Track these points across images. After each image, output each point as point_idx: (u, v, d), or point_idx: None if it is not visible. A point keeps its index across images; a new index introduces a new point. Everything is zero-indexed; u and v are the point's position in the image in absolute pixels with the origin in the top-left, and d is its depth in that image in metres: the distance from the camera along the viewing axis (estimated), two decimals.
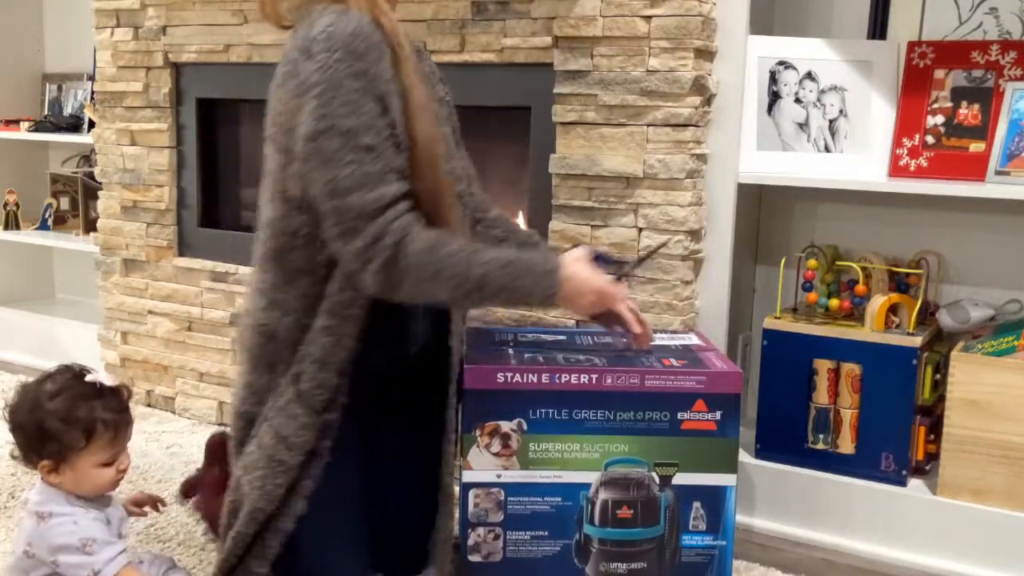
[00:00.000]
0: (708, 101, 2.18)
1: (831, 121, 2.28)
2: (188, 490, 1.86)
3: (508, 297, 1.52)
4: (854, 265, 2.21)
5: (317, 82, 1.38)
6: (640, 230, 2.21)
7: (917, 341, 2.06)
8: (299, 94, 1.41)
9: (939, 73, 2.22)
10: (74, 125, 3.52)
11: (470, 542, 1.75)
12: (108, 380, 1.63)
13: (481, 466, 1.72)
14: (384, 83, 1.42)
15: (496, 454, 1.72)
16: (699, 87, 2.14)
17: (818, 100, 2.28)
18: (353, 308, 1.48)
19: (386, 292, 1.44)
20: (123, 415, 1.63)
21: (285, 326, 1.50)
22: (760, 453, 2.23)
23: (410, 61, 1.47)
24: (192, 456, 2.60)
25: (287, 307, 1.51)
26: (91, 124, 3.25)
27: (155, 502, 1.83)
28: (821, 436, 2.18)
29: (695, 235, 2.20)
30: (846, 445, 2.15)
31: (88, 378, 1.62)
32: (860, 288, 2.19)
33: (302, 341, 1.50)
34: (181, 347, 2.95)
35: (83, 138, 3.34)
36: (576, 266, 1.58)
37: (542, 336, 1.95)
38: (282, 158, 1.46)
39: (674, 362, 1.77)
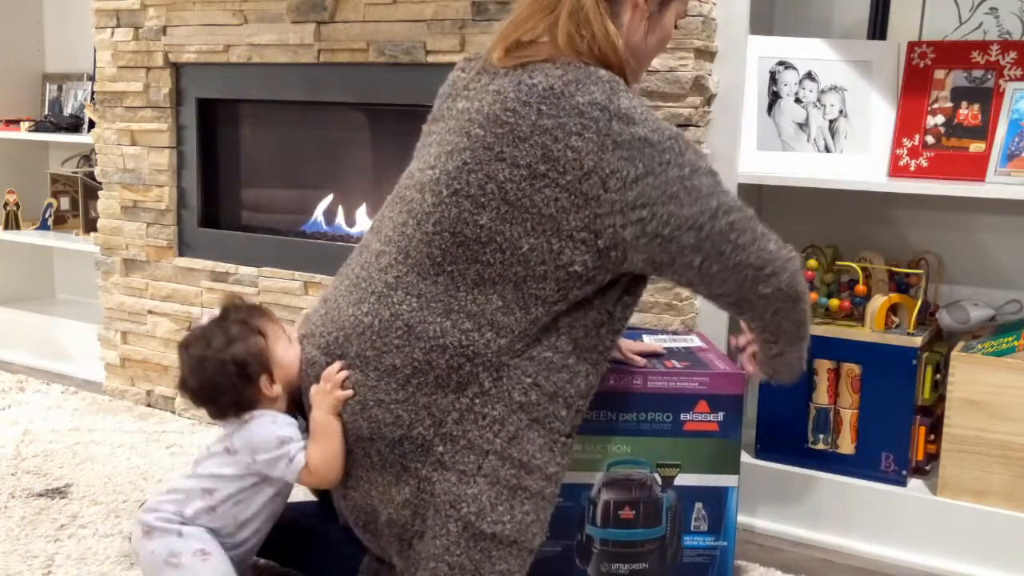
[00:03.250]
0: (708, 101, 2.18)
1: (831, 121, 2.28)
2: None
3: (798, 356, 1.70)
4: (854, 265, 2.21)
5: (660, 140, 1.45)
6: None
7: (917, 341, 2.07)
8: (623, 148, 1.43)
9: (939, 73, 2.22)
10: (74, 125, 3.52)
11: None
12: (212, 311, 1.76)
13: None
14: None
15: None
16: (699, 87, 2.14)
17: (818, 100, 2.28)
18: (597, 352, 1.55)
19: (796, 296, 1.57)
20: (255, 309, 1.75)
21: (495, 349, 1.48)
22: (760, 453, 2.23)
23: None
24: (191, 456, 2.60)
25: (505, 330, 1.49)
26: (91, 124, 3.25)
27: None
28: (821, 436, 2.18)
29: None
30: (846, 445, 2.15)
31: (205, 320, 1.74)
32: (860, 288, 2.19)
33: (513, 367, 1.49)
34: None
35: (83, 138, 3.34)
36: None
37: None
38: (571, 199, 1.45)
39: (676, 363, 1.78)
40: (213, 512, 1.67)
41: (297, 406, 1.70)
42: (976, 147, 2.16)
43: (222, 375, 1.64)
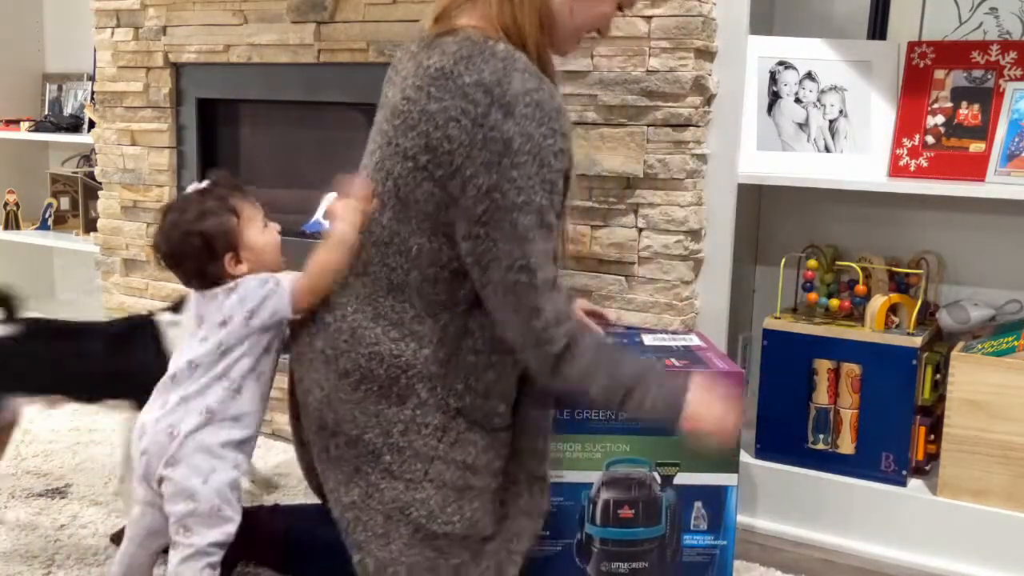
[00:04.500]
0: (708, 101, 2.18)
1: (831, 121, 2.28)
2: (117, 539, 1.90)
3: (637, 408, 1.49)
4: (854, 265, 2.21)
5: (520, 150, 1.38)
6: (640, 230, 2.21)
7: (917, 341, 2.07)
8: (488, 149, 1.39)
9: (939, 73, 2.23)
10: (74, 125, 3.52)
11: None
12: (202, 183, 1.73)
13: None
14: (571, 160, 1.47)
15: None
16: (699, 87, 2.14)
17: (818, 100, 2.28)
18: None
19: (546, 374, 1.46)
20: (237, 188, 1.73)
21: (422, 359, 1.51)
22: (760, 453, 2.23)
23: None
24: None
25: (425, 340, 1.51)
26: (91, 124, 3.25)
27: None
28: (821, 436, 2.18)
29: (695, 235, 2.20)
30: (846, 445, 2.15)
31: (190, 189, 1.72)
32: (860, 288, 2.19)
33: (442, 375, 1.51)
34: None
35: (83, 138, 3.34)
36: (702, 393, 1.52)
37: None
38: (443, 196, 1.45)
39: (675, 362, 1.77)
40: (239, 394, 1.64)
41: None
42: (976, 147, 2.16)
43: (188, 245, 1.65)
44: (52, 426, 2.79)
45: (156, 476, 1.62)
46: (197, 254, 1.65)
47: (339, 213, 1.57)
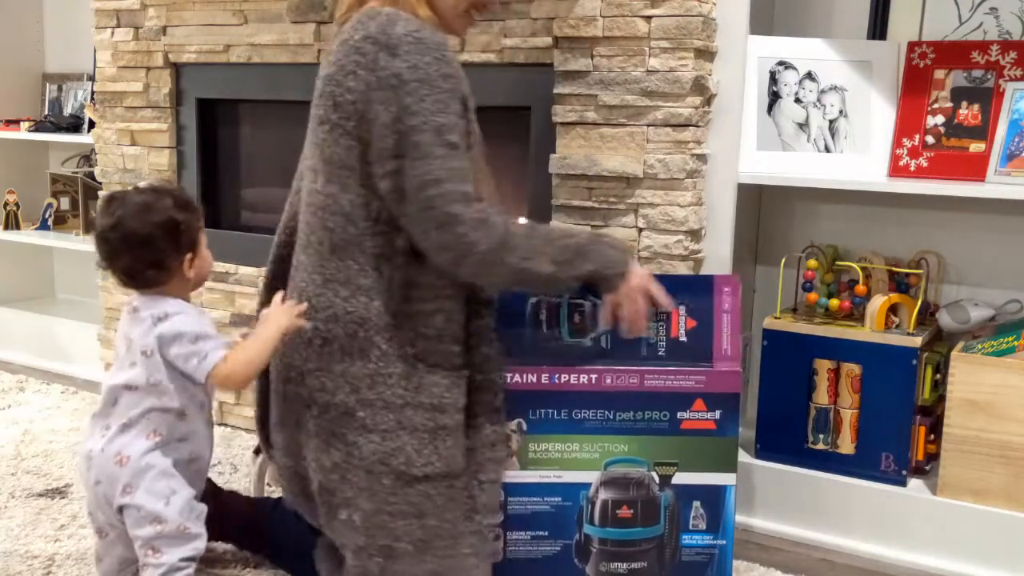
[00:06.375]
0: (708, 101, 2.18)
1: (831, 121, 2.28)
2: None
3: (579, 265, 1.60)
4: (854, 265, 2.21)
5: (410, 80, 1.49)
6: (640, 230, 2.21)
7: (917, 341, 2.06)
8: (383, 88, 1.50)
9: (939, 73, 2.22)
10: (74, 125, 3.52)
11: None
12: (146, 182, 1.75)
13: None
14: (465, 86, 1.57)
15: None
16: (699, 87, 2.14)
17: (818, 100, 2.28)
18: (456, 287, 1.61)
19: (492, 274, 1.55)
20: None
21: (375, 311, 1.57)
22: (760, 453, 2.23)
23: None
24: None
25: (373, 292, 1.58)
26: (91, 124, 3.25)
27: None
28: (821, 436, 2.18)
29: (695, 235, 2.20)
30: (846, 445, 2.15)
31: (143, 185, 1.70)
32: (860, 288, 2.19)
33: (395, 325, 1.58)
34: None
35: (83, 138, 3.34)
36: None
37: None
38: (360, 147, 1.53)
39: (682, 338, 1.77)
40: (183, 417, 1.64)
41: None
42: (976, 147, 2.16)
43: (161, 228, 1.61)
44: (52, 426, 2.79)
45: (115, 505, 1.62)
46: (165, 243, 1.61)
47: (275, 314, 1.60)
